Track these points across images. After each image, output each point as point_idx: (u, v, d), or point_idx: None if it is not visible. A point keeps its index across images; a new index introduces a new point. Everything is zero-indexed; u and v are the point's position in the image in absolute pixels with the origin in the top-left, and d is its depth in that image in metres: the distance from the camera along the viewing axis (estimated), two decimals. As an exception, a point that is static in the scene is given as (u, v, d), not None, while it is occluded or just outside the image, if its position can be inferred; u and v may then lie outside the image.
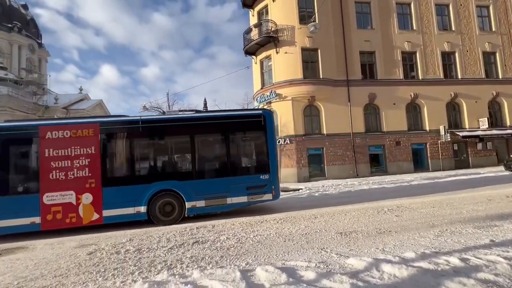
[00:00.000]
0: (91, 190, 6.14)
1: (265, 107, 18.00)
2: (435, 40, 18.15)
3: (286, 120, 16.68)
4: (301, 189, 11.91)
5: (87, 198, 6.14)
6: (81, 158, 6.16)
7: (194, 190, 6.64)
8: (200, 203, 6.64)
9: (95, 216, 6.15)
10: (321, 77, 16.72)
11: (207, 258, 4.13)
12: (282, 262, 3.71)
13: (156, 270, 3.77)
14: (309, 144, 16.52)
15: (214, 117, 7.06)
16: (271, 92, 16.93)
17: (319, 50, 16.88)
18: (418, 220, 5.32)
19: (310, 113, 16.98)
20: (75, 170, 6.12)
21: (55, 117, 28.38)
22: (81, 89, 57.39)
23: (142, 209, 6.39)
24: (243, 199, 6.75)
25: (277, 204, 8.76)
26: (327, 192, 10.59)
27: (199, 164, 6.75)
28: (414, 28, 18.13)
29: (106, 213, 6.18)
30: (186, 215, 6.69)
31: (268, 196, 6.86)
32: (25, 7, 49.52)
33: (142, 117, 6.76)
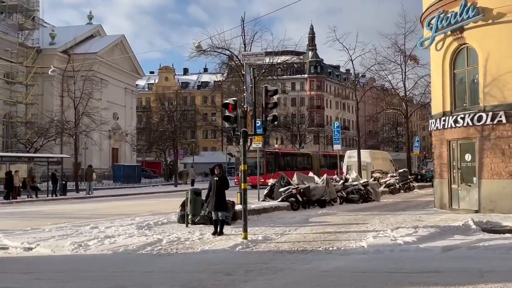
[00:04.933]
0: None
1: (448, 39, 16.95)
2: None
3: (497, 70, 15.78)
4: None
5: None
6: None
7: None
8: None
9: None
10: None
11: None
12: None
13: None
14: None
15: None
16: (465, 6, 16.14)
17: None
18: None
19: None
20: None
21: (51, 67, 33.50)
22: (90, 18, 66.99)
23: None
24: None
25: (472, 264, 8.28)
26: None
27: None
28: None
29: None
30: None
31: None
32: None
33: None
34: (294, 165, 45.69)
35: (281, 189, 18.70)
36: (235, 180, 34.99)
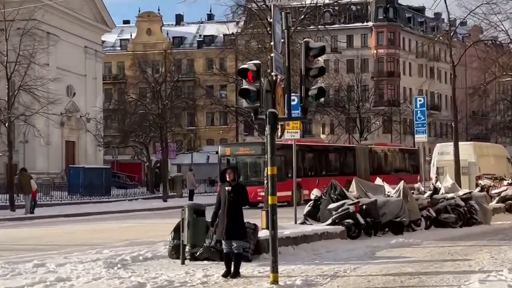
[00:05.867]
0: None
1: None
2: None
3: None
4: None
5: None
6: None
7: None
8: None
9: None
10: None
11: None
12: None
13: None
14: None
15: None
16: None
17: None
18: None
19: None
20: None
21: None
22: None
23: None
24: None
25: None
26: None
27: None
28: None
29: None
30: None
31: None
32: None
33: None
34: (324, 167, 45.33)
35: (332, 206, 18.76)
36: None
